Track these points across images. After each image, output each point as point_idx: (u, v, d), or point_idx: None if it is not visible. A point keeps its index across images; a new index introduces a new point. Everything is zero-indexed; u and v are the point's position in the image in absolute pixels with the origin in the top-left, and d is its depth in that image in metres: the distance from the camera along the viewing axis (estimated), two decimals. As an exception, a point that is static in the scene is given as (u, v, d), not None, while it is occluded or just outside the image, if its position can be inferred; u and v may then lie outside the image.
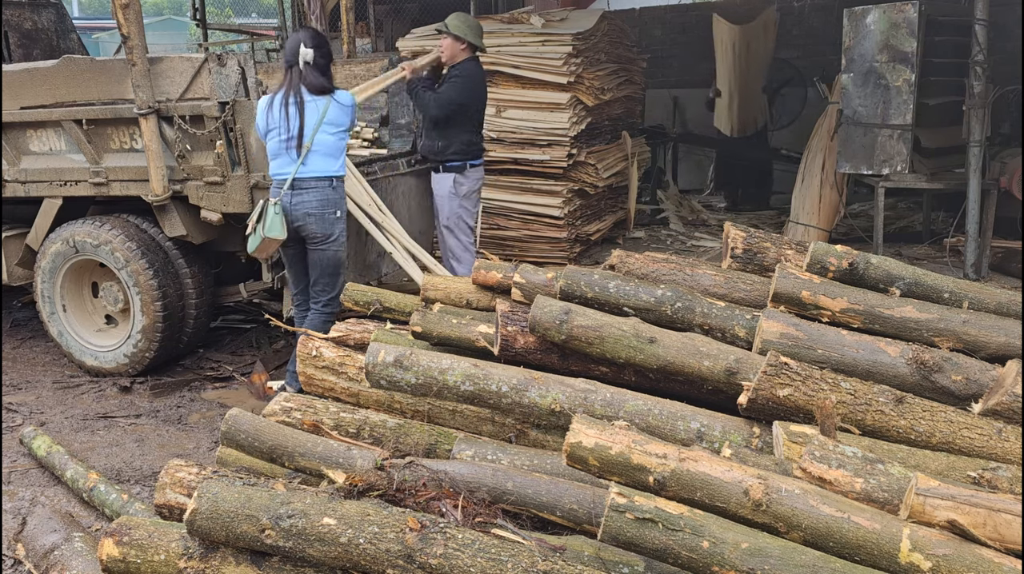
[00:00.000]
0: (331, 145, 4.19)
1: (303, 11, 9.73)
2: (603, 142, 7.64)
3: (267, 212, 4.12)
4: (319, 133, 4.14)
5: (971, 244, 5.84)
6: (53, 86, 4.78)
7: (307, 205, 4.16)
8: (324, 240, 4.23)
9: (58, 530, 2.85)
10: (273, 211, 4.12)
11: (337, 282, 4.30)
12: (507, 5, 10.18)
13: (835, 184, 6.84)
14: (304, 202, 4.16)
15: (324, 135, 4.16)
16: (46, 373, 5.20)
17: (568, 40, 6.77)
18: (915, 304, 2.66)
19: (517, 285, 3.15)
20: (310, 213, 4.17)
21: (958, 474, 2.17)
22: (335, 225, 4.24)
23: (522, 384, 2.58)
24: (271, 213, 4.11)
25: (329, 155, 4.19)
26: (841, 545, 1.84)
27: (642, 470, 1.94)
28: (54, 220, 5.06)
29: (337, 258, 4.29)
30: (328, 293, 4.30)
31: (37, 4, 6.64)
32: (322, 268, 4.28)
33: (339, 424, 2.88)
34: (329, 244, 4.24)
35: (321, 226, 4.20)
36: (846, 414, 2.32)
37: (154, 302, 4.75)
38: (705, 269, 3.04)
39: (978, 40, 5.64)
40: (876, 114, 5.87)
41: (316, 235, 4.21)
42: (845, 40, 5.96)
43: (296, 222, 4.17)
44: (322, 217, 4.19)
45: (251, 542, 2.04)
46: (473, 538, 1.92)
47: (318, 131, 4.14)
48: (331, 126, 4.18)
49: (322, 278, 4.30)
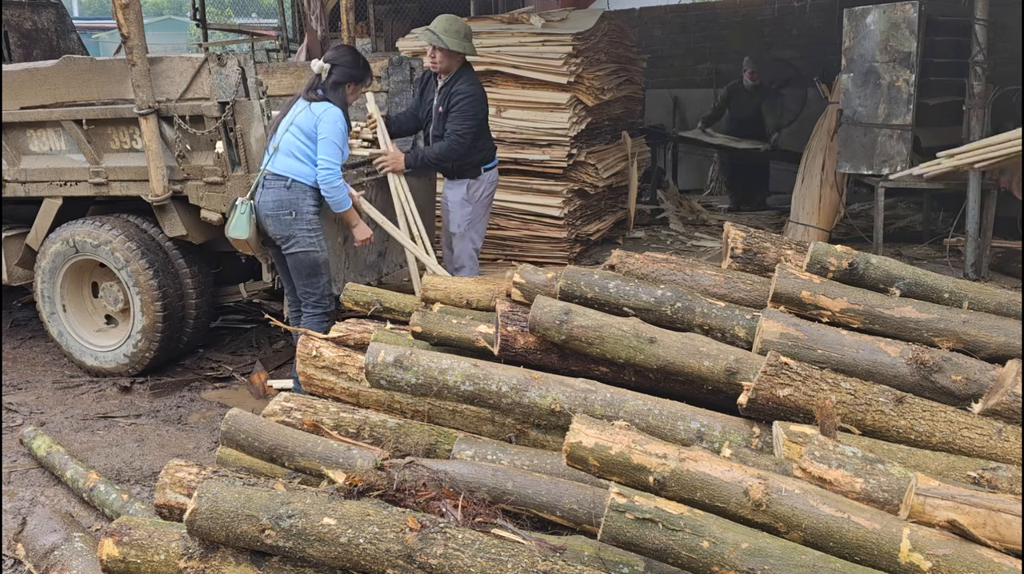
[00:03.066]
0: (293, 145, 4.12)
1: (303, 11, 9.74)
2: (603, 142, 7.64)
3: (235, 210, 4.13)
4: (287, 133, 4.14)
5: (971, 244, 5.84)
6: (53, 86, 4.78)
7: (265, 205, 4.15)
8: (285, 242, 4.17)
9: (58, 530, 2.85)
10: (239, 210, 4.12)
11: (316, 283, 4.24)
12: (507, 5, 10.18)
13: (835, 184, 6.84)
14: (263, 202, 4.16)
15: (289, 135, 4.14)
16: (46, 373, 5.20)
17: (568, 40, 6.76)
18: (915, 304, 2.66)
19: (517, 285, 3.15)
20: (267, 214, 4.15)
21: (958, 474, 2.17)
22: (291, 226, 4.14)
23: (522, 384, 2.58)
24: (237, 212, 4.12)
25: (290, 155, 4.13)
26: (841, 545, 1.84)
27: (642, 470, 1.94)
28: (54, 220, 5.06)
29: (305, 260, 4.20)
30: (311, 295, 4.25)
31: (37, 4, 6.64)
32: (294, 270, 4.25)
33: (339, 424, 2.88)
34: (291, 246, 4.17)
35: (277, 227, 4.15)
36: (846, 414, 2.32)
37: (154, 302, 4.75)
38: (705, 269, 3.04)
39: (978, 40, 5.64)
40: (876, 114, 5.88)
41: (276, 236, 4.18)
42: (845, 40, 5.96)
43: (261, 222, 4.18)
44: (277, 218, 4.14)
45: (251, 542, 2.04)
46: (473, 538, 1.92)
47: (287, 131, 4.14)
48: (297, 128, 4.13)
49: (298, 280, 4.26)
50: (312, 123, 4.12)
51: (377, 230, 4.79)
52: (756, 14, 10.67)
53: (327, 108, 4.14)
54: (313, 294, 4.25)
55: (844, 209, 7.17)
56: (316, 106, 4.15)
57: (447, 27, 4.87)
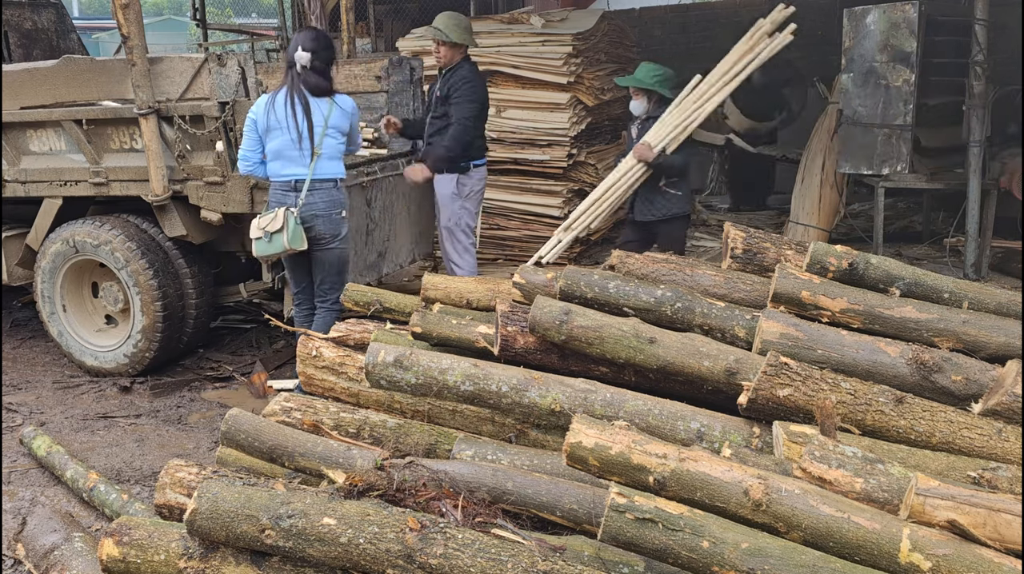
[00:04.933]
0: (334, 148, 4.28)
1: (303, 11, 9.73)
2: (603, 142, 7.64)
3: (288, 223, 4.15)
4: (326, 137, 4.20)
5: (971, 244, 5.84)
6: (53, 86, 4.79)
7: (315, 207, 4.22)
8: (332, 240, 4.30)
9: (58, 530, 2.84)
10: (294, 222, 4.17)
11: (344, 279, 4.36)
12: (507, 5, 10.17)
13: (835, 184, 6.84)
14: (312, 203, 4.21)
15: (329, 139, 4.23)
16: (46, 373, 5.20)
17: (568, 40, 6.76)
18: (915, 304, 2.66)
19: (517, 285, 3.15)
20: (318, 214, 4.22)
21: (958, 474, 2.16)
22: (341, 225, 4.32)
23: (522, 384, 2.58)
24: (292, 224, 4.16)
25: (333, 158, 4.29)
26: (841, 545, 1.83)
27: (642, 470, 1.94)
28: (54, 220, 5.06)
29: (344, 256, 4.40)
30: (336, 290, 4.34)
31: (37, 4, 6.64)
32: (329, 267, 4.35)
33: (339, 424, 2.88)
34: (337, 243, 4.32)
35: (328, 226, 4.26)
36: (846, 414, 2.32)
37: (154, 302, 4.75)
38: (705, 269, 3.04)
39: (978, 40, 5.64)
40: (876, 114, 5.87)
41: (324, 235, 4.27)
42: (845, 40, 5.96)
43: (304, 224, 4.20)
44: (329, 217, 4.26)
45: (251, 542, 2.04)
46: (473, 538, 1.92)
47: (325, 135, 4.19)
48: (334, 130, 4.26)
49: (330, 277, 4.36)
50: (347, 120, 4.30)
51: (378, 229, 4.80)
52: (756, 14, 10.65)
53: (348, 101, 4.32)
54: (338, 291, 4.30)
55: (844, 209, 7.17)
56: (342, 100, 4.29)
57: (447, 22, 5.10)
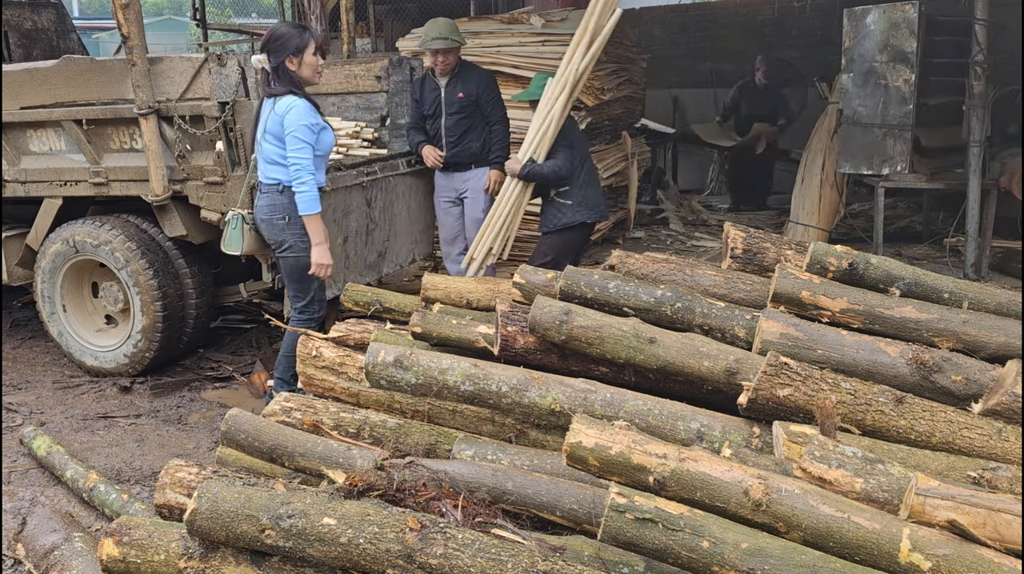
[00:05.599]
0: (272, 153, 3.98)
1: (303, 11, 9.73)
2: (603, 142, 7.64)
3: (228, 224, 4.09)
4: (263, 141, 4.02)
5: (971, 244, 5.84)
6: (53, 86, 4.78)
7: (260, 210, 4.10)
8: (278, 246, 4.10)
9: (58, 530, 2.84)
10: (230, 225, 4.09)
11: (306, 288, 4.13)
12: (507, 5, 10.18)
13: (835, 184, 6.84)
14: (258, 207, 4.12)
15: (265, 143, 4.02)
16: (46, 373, 5.20)
17: (568, 40, 6.75)
18: (915, 304, 2.66)
19: (517, 285, 3.15)
20: (262, 218, 4.10)
21: (958, 474, 2.17)
22: (284, 231, 4.04)
23: (522, 384, 2.58)
24: (231, 226, 4.09)
25: (271, 163, 4.01)
26: (841, 545, 1.83)
27: (642, 470, 1.94)
28: (54, 220, 5.06)
29: (296, 265, 4.08)
30: (300, 299, 4.16)
31: (37, 4, 6.64)
32: (285, 274, 4.19)
33: (339, 424, 2.88)
34: (284, 251, 4.09)
35: (271, 232, 4.08)
36: (846, 414, 2.32)
37: (154, 302, 4.75)
38: (705, 269, 3.04)
39: (978, 40, 5.64)
40: (876, 114, 5.87)
41: (272, 241, 4.12)
42: (845, 40, 5.96)
43: (258, 227, 4.14)
44: (270, 222, 4.06)
45: (251, 542, 2.04)
46: (473, 538, 1.92)
47: (263, 139, 4.02)
48: (268, 135, 3.98)
49: (290, 284, 4.19)
50: (278, 123, 3.92)
51: (378, 229, 4.80)
52: (756, 14, 10.68)
53: (288, 102, 3.91)
54: (301, 298, 4.17)
55: (844, 209, 7.18)
56: (279, 103, 3.93)
57: (449, 28, 5.13)
